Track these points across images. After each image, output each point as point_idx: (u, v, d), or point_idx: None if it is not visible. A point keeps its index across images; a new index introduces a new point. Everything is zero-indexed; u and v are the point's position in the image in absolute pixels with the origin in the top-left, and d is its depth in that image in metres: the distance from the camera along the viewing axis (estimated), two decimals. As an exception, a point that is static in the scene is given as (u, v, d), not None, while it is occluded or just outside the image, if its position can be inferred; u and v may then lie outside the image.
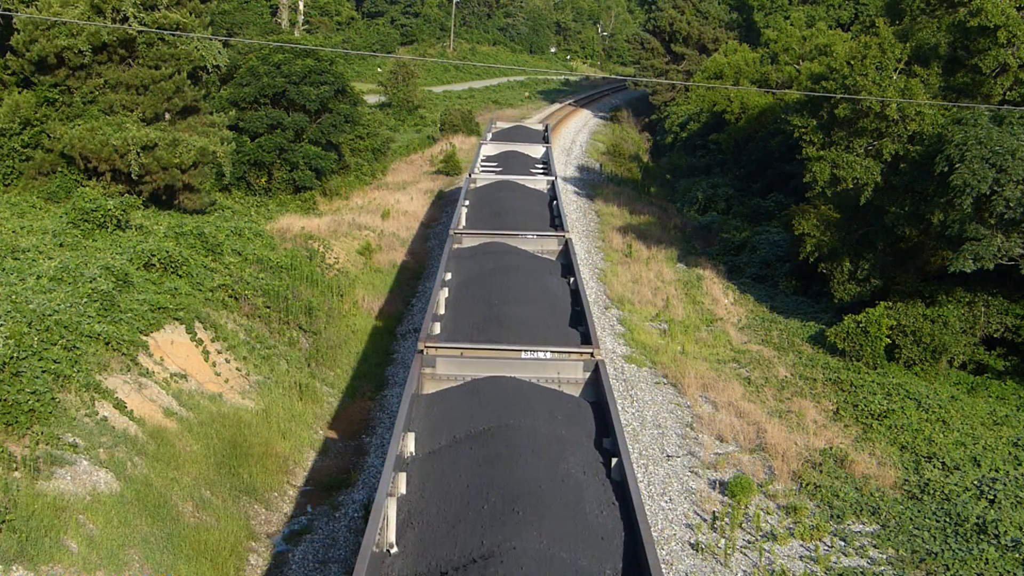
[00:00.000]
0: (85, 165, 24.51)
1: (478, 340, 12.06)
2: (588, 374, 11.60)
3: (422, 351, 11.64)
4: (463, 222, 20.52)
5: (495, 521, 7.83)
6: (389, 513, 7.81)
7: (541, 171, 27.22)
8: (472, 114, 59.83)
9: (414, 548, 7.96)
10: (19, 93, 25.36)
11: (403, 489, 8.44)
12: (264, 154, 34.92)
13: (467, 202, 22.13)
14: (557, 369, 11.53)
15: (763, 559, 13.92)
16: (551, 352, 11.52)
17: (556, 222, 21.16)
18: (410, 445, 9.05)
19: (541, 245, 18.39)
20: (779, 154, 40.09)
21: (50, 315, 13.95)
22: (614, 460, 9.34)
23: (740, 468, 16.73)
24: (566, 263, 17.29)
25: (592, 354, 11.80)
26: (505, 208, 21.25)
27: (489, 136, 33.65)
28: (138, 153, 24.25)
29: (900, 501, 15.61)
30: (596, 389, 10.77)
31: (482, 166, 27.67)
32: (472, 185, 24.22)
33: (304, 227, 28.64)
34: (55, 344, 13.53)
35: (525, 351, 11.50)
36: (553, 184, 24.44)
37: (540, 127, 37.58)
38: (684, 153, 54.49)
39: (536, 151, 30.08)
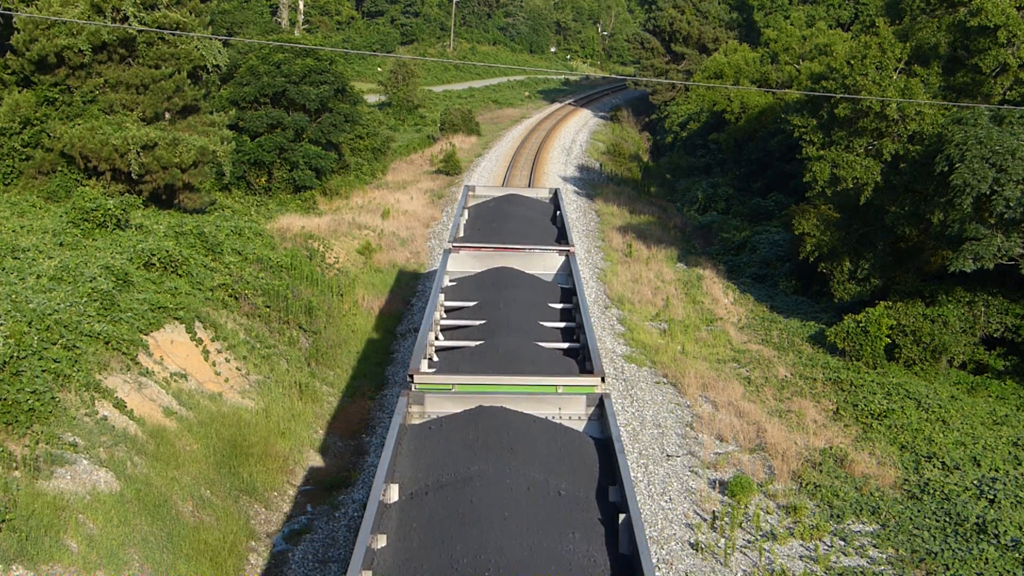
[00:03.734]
0: (85, 164, 24.50)
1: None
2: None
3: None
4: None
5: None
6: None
7: (560, 323, 14.05)
8: (472, 113, 59.84)
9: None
10: (19, 92, 25.34)
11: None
12: (264, 153, 34.91)
13: (393, 486, 9.04)
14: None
15: (763, 559, 13.92)
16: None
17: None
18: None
19: None
20: (779, 154, 40.10)
21: (50, 314, 13.95)
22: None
23: (740, 468, 16.74)
24: None
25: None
26: (488, 536, 7.94)
27: (462, 222, 19.04)
28: (138, 153, 24.24)
29: (900, 501, 15.61)
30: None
31: (444, 321, 14.02)
32: (412, 411, 10.73)
33: (304, 227, 28.64)
34: (55, 343, 13.53)
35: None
36: (602, 408, 10.60)
37: (546, 196, 21.90)
38: (684, 153, 54.50)
39: (547, 264, 16.49)
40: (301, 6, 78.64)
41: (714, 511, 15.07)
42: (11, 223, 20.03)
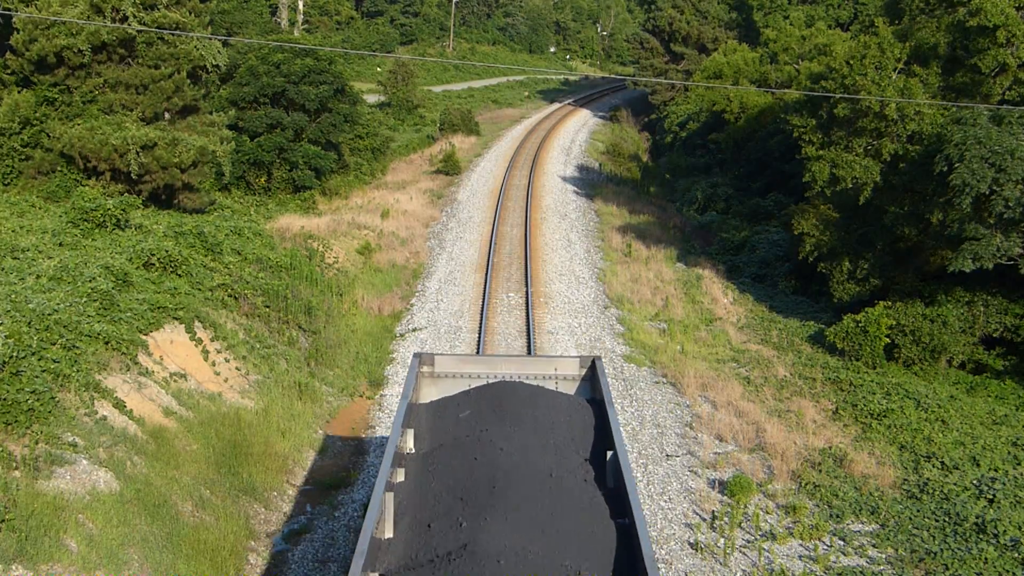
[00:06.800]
0: (85, 164, 24.50)
1: None
2: None
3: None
4: None
5: None
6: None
7: None
8: (471, 113, 59.85)
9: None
10: (19, 92, 25.34)
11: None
12: (264, 153, 34.92)
13: None
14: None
15: (762, 558, 13.93)
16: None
17: None
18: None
19: None
20: (778, 154, 40.09)
21: (50, 314, 13.95)
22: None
23: (739, 467, 16.74)
24: None
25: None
26: None
27: (392, 493, 8.47)
28: (138, 153, 24.25)
29: (899, 500, 15.61)
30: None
31: None
32: None
33: (304, 226, 28.65)
34: (54, 343, 13.53)
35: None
36: None
37: (573, 375, 11.97)
38: (683, 153, 54.50)
39: None
40: (301, 6, 78.61)
41: (713, 511, 15.07)
42: (11, 223, 20.02)
